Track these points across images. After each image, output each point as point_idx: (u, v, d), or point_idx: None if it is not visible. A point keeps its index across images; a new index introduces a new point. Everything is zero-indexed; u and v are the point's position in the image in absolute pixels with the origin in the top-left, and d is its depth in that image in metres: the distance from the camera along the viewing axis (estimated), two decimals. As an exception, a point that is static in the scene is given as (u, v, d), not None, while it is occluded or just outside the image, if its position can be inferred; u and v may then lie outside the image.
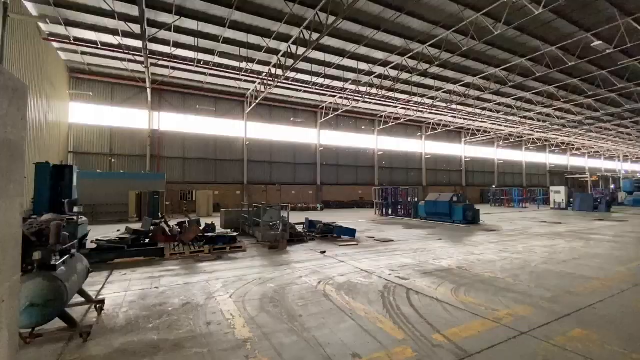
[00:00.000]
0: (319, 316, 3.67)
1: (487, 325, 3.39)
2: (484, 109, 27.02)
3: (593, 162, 52.81)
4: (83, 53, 16.96)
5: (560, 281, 5.07)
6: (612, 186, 37.58)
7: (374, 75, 19.59)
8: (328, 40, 15.55)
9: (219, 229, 10.06)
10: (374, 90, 21.92)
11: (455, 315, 3.66)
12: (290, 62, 16.34)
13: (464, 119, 30.09)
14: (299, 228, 10.50)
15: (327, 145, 27.89)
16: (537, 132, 35.05)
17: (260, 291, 4.61)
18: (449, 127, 32.04)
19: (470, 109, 26.91)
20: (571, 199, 23.28)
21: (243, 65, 17.97)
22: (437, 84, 21.42)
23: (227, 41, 15.61)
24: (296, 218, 13.78)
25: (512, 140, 38.06)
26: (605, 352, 2.82)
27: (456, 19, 13.67)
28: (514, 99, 24.06)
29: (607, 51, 15.19)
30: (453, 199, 14.01)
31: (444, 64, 17.99)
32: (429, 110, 26.65)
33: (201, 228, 8.76)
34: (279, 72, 17.77)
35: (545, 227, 12.55)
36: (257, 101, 21.45)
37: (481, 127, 33.51)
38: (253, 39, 15.41)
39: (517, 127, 32.79)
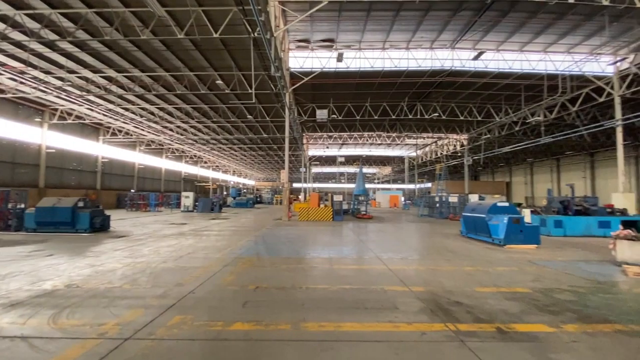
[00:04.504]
0: None
1: (88, 345, 3.02)
2: (127, 109, 25.93)
3: (215, 174, 67.35)
4: None
5: (174, 276, 5.72)
6: (224, 192, 49.89)
7: (-48, 12, 12.52)
8: None
9: None
10: (-50, 35, 14.00)
11: (46, 350, 2.94)
12: None
13: (104, 114, 27.11)
14: None
15: None
16: (176, 143, 39.16)
17: None
18: (84, 120, 27.42)
19: (111, 106, 24.76)
20: (197, 203, 28.01)
21: None
22: (70, 65, 17.62)
23: None
24: None
25: (154, 147, 39.58)
26: (201, 329, 3.44)
27: (100, 2, 12.12)
28: (157, 107, 25.21)
29: (226, 91, 20.12)
30: (78, 204, 11.90)
31: (82, 44, 15.27)
32: (56, 93, 21.26)
33: None
34: None
35: (174, 228, 14.02)
36: None
37: (123, 127, 31.83)
38: None
39: (159, 135, 34.65)
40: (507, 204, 10.35)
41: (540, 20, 15.30)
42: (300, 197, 43.49)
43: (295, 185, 72.96)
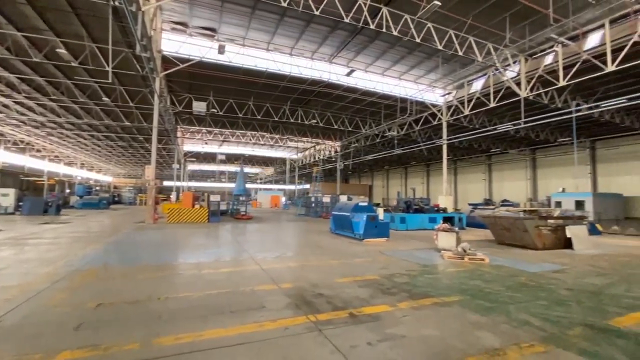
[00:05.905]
0: None
1: None
2: None
3: (53, 166, 53.31)
4: None
5: (-33, 302, 4.19)
6: (67, 190, 40.16)
7: None
8: None
9: None
10: None
11: None
12: None
13: None
14: None
15: None
16: (-10, 122, 29.10)
17: None
18: None
19: None
20: (22, 203, 21.54)
21: None
22: None
23: None
24: None
25: (-52, 124, 28.33)
26: (-10, 370, 2.59)
27: None
28: (-44, 71, 18.19)
29: (72, 64, 16.21)
30: None
31: None
32: None
33: None
34: None
35: (-23, 237, 10.32)
36: None
37: None
38: None
39: (-42, 109, 25.03)
40: (366, 204, 11.97)
41: (397, 52, 18.42)
42: (172, 196, 39.12)
43: (167, 183, 65.33)
